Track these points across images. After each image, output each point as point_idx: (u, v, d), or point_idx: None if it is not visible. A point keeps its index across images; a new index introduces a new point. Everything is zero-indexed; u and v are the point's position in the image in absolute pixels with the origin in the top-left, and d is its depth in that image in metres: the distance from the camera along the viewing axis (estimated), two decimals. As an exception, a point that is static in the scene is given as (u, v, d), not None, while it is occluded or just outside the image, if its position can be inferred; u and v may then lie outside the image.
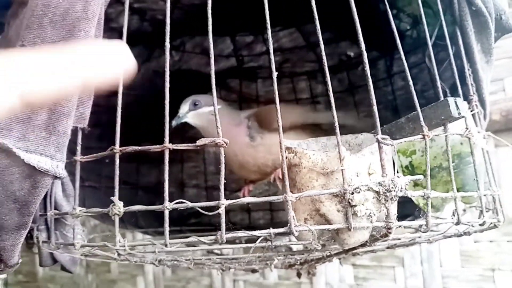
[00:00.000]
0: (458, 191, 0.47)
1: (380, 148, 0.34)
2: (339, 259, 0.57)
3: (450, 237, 0.45)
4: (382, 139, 0.34)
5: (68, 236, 0.43)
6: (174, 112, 0.71)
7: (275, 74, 0.36)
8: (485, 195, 0.43)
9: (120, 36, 0.46)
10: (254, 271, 0.58)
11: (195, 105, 0.65)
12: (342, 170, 0.32)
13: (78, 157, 0.38)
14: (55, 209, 0.43)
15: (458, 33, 0.49)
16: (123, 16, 0.45)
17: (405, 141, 0.35)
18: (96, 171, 0.75)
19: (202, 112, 0.65)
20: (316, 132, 0.65)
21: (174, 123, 0.65)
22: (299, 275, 0.59)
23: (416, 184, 0.49)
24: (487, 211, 0.47)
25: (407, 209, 0.51)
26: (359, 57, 0.83)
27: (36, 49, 0.36)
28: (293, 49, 0.86)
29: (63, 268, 0.45)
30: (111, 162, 0.38)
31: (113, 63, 0.25)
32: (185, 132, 0.92)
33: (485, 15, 0.47)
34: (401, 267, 0.81)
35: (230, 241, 0.46)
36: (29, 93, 0.21)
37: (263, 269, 0.70)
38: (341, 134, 0.42)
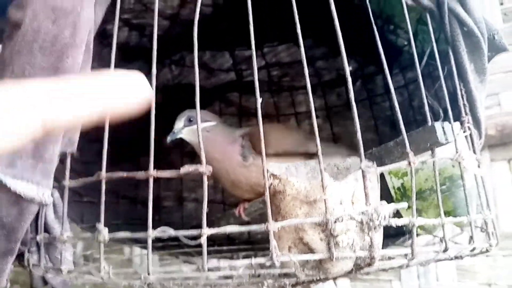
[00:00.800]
0: (450, 214, 0.46)
1: (363, 176, 0.33)
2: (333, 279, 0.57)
3: (441, 260, 0.45)
4: (366, 166, 0.34)
5: (58, 259, 0.43)
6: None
7: (259, 101, 0.36)
8: (475, 220, 0.43)
9: (119, 52, 0.47)
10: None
11: (190, 121, 0.65)
12: (324, 199, 0.32)
13: (67, 182, 0.38)
14: (46, 231, 0.43)
15: (451, 54, 0.48)
16: (121, 31, 0.46)
17: (390, 169, 0.35)
18: (94, 186, 0.76)
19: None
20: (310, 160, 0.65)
21: (169, 139, 0.65)
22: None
23: (409, 207, 0.48)
24: (482, 231, 0.47)
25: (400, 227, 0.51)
26: (357, 71, 0.82)
27: (59, 78, 0.36)
28: (291, 63, 0.87)
29: (54, 290, 0.45)
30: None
31: (132, 94, 0.25)
32: (184, 147, 0.92)
33: (478, 35, 0.47)
34: (398, 281, 0.80)
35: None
36: (51, 121, 0.21)
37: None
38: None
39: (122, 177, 0.37)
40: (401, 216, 0.50)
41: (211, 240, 0.85)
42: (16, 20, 0.45)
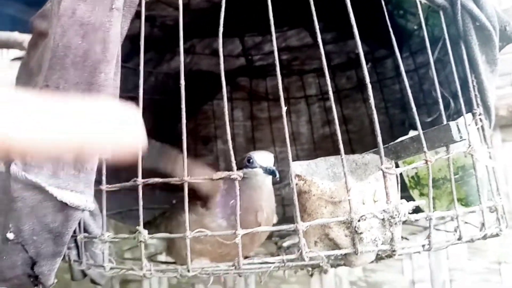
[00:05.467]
0: (462, 201, 0.49)
1: (384, 177, 0.36)
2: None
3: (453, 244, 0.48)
4: (386, 168, 0.36)
5: (96, 253, 0.47)
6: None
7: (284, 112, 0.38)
8: (488, 207, 0.45)
9: (130, 42, 0.48)
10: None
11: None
12: (349, 200, 0.35)
13: (104, 187, 0.41)
14: (83, 227, 0.46)
15: (463, 47, 0.50)
16: (133, 24, 0.47)
17: (408, 169, 0.37)
18: (114, 175, 0.79)
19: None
20: None
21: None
22: (311, 275, 0.63)
23: (421, 194, 0.51)
24: (492, 212, 0.49)
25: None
26: (367, 54, 0.83)
27: (46, 94, 0.36)
28: (301, 47, 0.87)
29: (93, 281, 0.49)
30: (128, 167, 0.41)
31: (123, 133, 0.24)
32: (199, 132, 0.95)
33: (489, 29, 0.48)
34: (408, 259, 0.83)
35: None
36: (13, 136, 0.20)
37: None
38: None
39: (158, 182, 0.39)
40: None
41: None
42: (41, 30, 0.46)
